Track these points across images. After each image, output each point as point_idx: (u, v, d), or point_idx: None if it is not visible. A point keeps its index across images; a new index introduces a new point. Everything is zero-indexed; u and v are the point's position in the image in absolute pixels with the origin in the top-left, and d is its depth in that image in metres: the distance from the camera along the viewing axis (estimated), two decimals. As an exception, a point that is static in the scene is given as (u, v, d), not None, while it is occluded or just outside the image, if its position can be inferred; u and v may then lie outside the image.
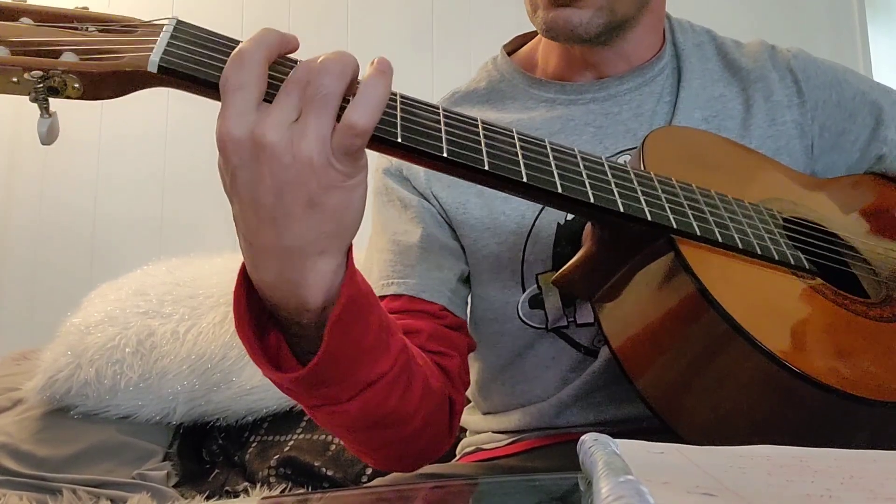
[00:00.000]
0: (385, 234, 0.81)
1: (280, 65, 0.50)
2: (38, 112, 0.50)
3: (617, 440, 0.41)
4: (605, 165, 0.61)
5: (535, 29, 0.91)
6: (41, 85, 0.48)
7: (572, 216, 0.76)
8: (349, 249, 0.53)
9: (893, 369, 0.59)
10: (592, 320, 0.75)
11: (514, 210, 0.78)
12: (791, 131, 0.81)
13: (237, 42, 0.51)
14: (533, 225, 0.77)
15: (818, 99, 0.83)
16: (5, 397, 1.38)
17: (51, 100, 0.49)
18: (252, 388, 1.29)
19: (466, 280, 0.81)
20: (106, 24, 0.52)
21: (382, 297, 0.76)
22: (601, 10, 0.74)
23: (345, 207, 0.49)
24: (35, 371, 1.32)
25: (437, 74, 1.91)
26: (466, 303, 0.82)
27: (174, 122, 1.97)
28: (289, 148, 0.46)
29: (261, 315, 0.55)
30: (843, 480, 0.37)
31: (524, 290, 0.77)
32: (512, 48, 0.92)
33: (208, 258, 1.50)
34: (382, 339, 0.58)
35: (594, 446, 0.39)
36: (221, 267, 1.45)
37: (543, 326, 0.77)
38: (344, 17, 1.97)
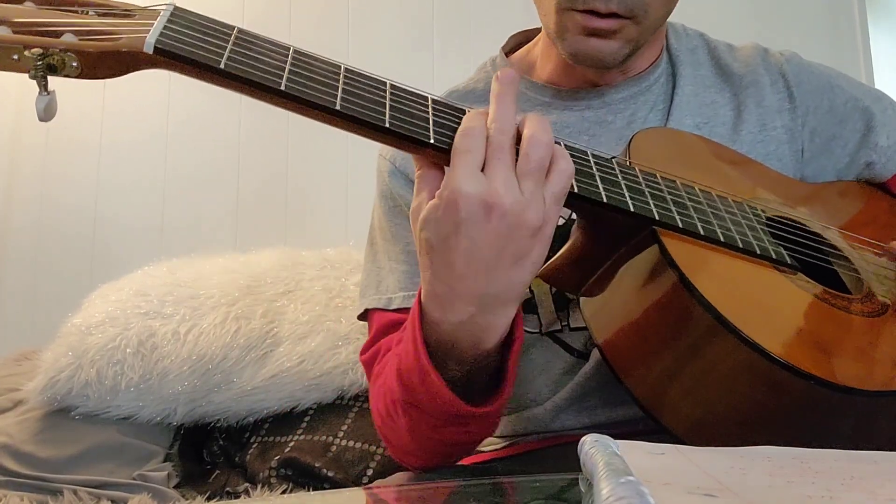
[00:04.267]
0: (397, 243, 0.80)
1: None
2: (38, 91, 0.52)
3: (617, 441, 0.41)
4: (590, 156, 0.62)
5: (532, 28, 0.91)
6: (40, 62, 0.50)
7: (562, 222, 0.76)
8: None
9: (875, 360, 0.60)
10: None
11: None
12: (781, 136, 0.82)
13: (232, 28, 0.54)
14: None
15: (809, 104, 0.83)
16: (6, 398, 1.38)
17: (50, 78, 0.51)
18: (253, 388, 1.29)
19: None
20: (105, 8, 0.54)
21: (401, 310, 0.77)
22: (630, 41, 0.74)
23: (541, 258, 0.56)
24: (36, 372, 1.32)
25: (437, 75, 1.90)
26: None
27: (175, 122, 1.97)
28: (516, 208, 0.52)
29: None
30: (844, 481, 0.37)
31: None
32: (510, 48, 0.92)
33: (209, 258, 1.50)
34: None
35: (595, 447, 0.39)
36: (222, 267, 1.45)
37: (537, 331, 0.77)
38: (344, 17, 1.97)
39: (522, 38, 0.92)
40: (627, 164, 0.65)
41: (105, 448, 1.27)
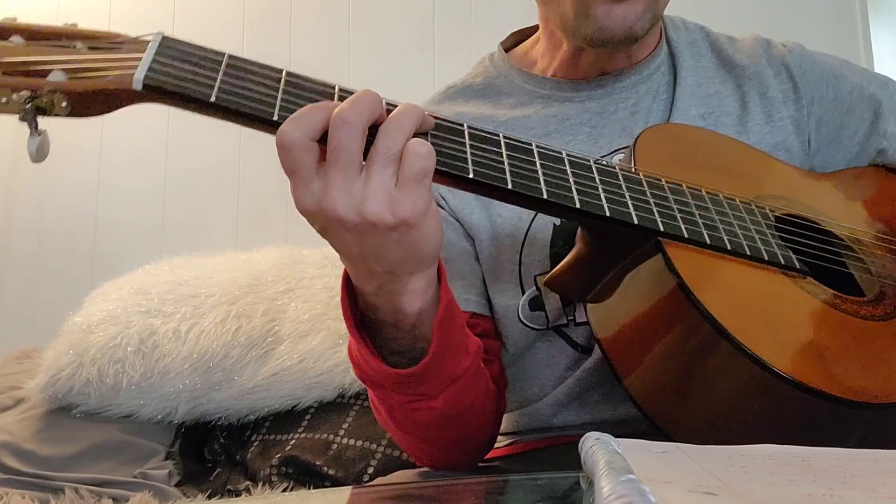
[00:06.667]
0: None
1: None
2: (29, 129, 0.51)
3: (618, 439, 0.41)
4: (593, 167, 0.61)
5: (530, 25, 0.91)
6: (29, 105, 0.48)
7: None
8: (439, 262, 0.59)
9: (881, 372, 0.58)
10: None
11: (511, 213, 0.77)
12: (788, 127, 0.81)
13: (223, 55, 0.52)
14: (529, 227, 0.77)
15: (814, 94, 0.83)
16: (7, 396, 1.38)
17: (40, 118, 0.50)
18: (254, 387, 1.29)
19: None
20: (94, 41, 0.52)
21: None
22: (649, 5, 0.73)
23: (420, 241, 0.53)
24: (37, 370, 1.32)
25: (438, 74, 1.90)
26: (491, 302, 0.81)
27: (176, 121, 1.97)
28: (356, 212, 0.49)
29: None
30: (845, 479, 0.37)
31: (523, 293, 0.77)
32: (509, 45, 0.92)
33: (210, 257, 1.50)
34: (464, 338, 0.64)
35: (595, 445, 0.39)
36: (223, 265, 1.45)
37: (544, 327, 0.77)
38: (345, 17, 1.97)
39: (521, 36, 0.92)
40: (632, 170, 0.64)
41: (106, 446, 1.27)
